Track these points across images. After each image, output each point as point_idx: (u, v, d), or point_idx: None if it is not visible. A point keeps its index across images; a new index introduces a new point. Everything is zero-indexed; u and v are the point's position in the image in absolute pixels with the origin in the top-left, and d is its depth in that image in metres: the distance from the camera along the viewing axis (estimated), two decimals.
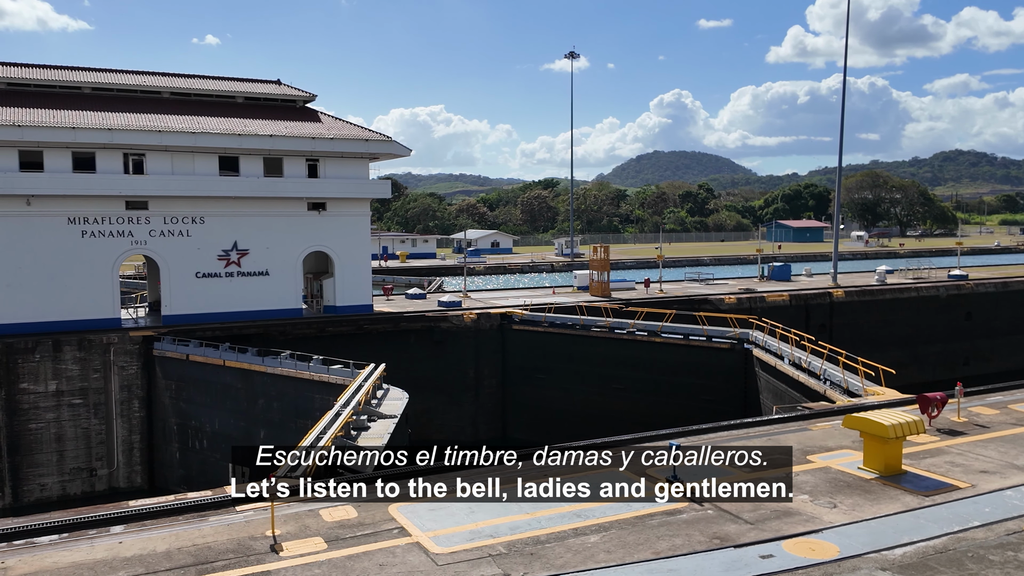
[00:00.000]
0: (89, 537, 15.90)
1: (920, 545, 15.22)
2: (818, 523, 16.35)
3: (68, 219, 38.61)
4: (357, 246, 44.97)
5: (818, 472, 19.87)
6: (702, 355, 40.02)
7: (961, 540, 15.48)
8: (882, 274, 62.42)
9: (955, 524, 16.24)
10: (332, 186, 43.85)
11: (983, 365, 56.08)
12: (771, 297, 52.23)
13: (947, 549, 15.06)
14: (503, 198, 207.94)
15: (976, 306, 59.49)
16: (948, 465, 20.26)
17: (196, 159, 41.05)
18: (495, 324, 45.08)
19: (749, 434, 23.80)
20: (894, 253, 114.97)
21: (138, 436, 37.93)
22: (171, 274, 40.62)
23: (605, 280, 53.76)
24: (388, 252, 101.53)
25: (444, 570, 14.23)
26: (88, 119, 39.36)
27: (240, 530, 16.21)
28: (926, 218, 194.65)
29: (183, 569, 14.30)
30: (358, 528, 16.21)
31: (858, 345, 53.64)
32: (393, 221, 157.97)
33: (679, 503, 17.61)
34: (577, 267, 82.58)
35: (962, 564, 14.37)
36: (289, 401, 33.22)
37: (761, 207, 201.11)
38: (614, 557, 14.73)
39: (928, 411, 23.58)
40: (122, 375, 37.67)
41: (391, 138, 45.43)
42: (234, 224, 41.73)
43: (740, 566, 14.28)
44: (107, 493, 36.83)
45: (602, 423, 39.42)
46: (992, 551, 14.94)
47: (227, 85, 47.10)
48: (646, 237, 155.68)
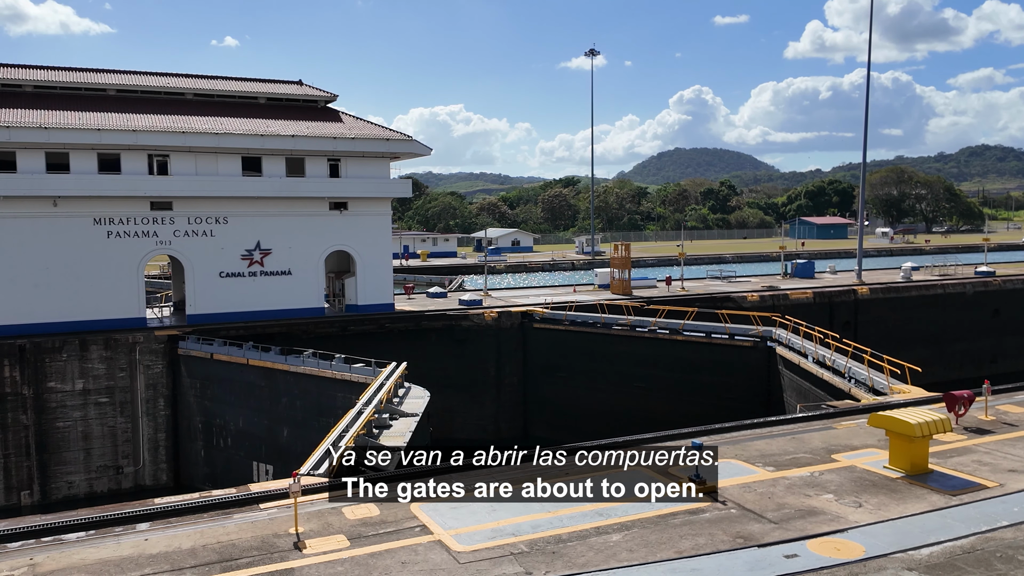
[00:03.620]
0: (116, 534, 16.03)
1: (947, 545, 15.00)
2: (843, 523, 16.15)
3: (94, 220, 39.06)
4: (378, 245, 45.12)
5: (843, 471, 19.64)
6: (725, 353, 39.70)
7: (989, 540, 15.25)
8: (907, 271, 61.64)
9: (983, 524, 15.99)
10: (353, 186, 44.03)
11: (1011, 363, 55.17)
12: (794, 295, 51.74)
13: (975, 549, 14.85)
14: (523, 196, 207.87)
15: (1004, 303, 58.58)
16: (976, 464, 19.98)
17: (219, 160, 41.37)
18: (516, 323, 45.01)
19: (772, 432, 23.56)
20: (920, 250, 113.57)
21: (164, 434, 38.30)
22: (195, 274, 40.98)
23: (626, 278, 53.52)
24: (409, 251, 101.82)
25: (466, 568, 14.19)
26: (113, 121, 39.79)
27: (264, 528, 16.27)
28: (952, 214, 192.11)
29: (208, 566, 14.37)
30: (380, 526, 16.22)
31: (883, 343, 52.99)
32: (414, 220, 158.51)
33: (702, 502, 17.45)
34: (598, 265, 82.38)
35: (990, 564, 14.15)
36: (312, 399, 33.32)
37: (784, 204, 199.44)
38: (636, 556, 14.62)
39: (955, 409, 23.26)
40: (148, 374, 38.06)
41: (411, 137, 45.52)
42: (257, 224, 42.02)
43: (764, 566, 14.14)
44: (133, 491, 37.24)
45: (624, 421, 39.19)
46: (1021, 551, 14.71)
47: (249, 86, 47.42)
48: (668, 235, 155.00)
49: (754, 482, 18.81)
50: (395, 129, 46.53)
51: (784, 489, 18.28)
